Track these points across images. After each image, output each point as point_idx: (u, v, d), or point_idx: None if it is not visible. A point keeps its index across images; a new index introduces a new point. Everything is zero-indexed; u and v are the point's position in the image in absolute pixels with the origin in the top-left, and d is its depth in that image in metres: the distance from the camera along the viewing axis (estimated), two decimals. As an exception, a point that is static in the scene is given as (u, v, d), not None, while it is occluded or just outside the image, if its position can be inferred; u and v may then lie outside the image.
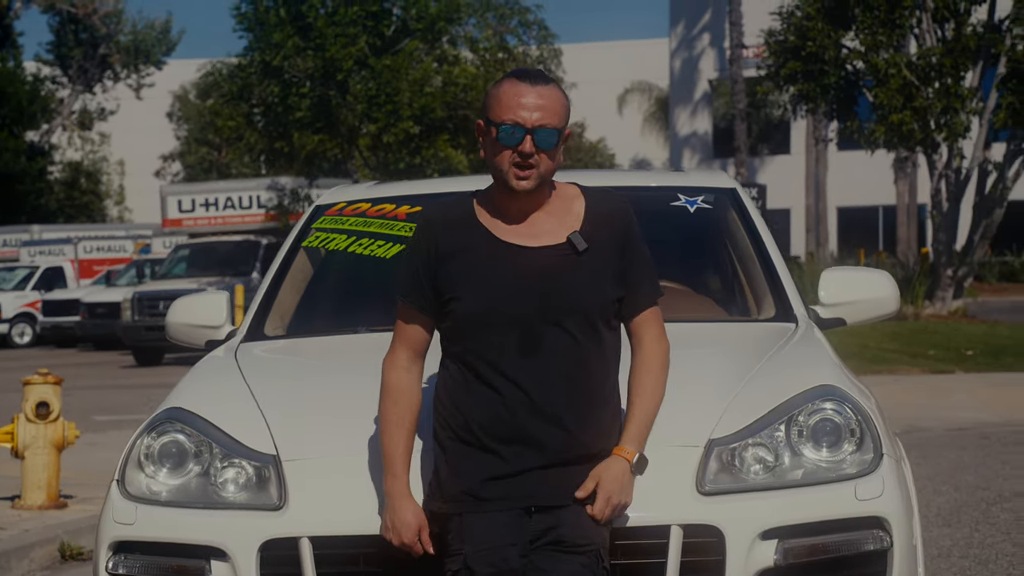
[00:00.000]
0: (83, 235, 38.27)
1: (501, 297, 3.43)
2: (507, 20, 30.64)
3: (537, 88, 3.44)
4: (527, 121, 3.40)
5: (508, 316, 3.41)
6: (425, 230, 3.54)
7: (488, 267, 3.46)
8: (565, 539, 3.36)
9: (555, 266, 3.44)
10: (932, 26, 25.68)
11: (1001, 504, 8.51)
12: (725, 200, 5.15)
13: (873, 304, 4.88)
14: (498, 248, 3.47)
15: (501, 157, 3.43)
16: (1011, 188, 26.06)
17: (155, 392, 18.99)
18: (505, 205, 3.50)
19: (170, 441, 3.86)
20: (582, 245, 3.45)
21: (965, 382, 16.74)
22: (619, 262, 3.49)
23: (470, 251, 3.47)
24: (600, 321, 3.47)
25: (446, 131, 24.70)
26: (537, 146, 3.40)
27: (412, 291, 3.53)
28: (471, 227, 3.51)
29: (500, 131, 3.42)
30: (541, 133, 3.40)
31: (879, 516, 3.63)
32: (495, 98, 3.46)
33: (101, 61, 53.33)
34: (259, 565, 3.60)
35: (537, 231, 3.49)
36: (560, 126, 3.43)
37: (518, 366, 3.40)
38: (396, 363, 3.56)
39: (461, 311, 3.45)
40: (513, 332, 3.41)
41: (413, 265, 3.53)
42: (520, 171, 3.42)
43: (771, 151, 52.72)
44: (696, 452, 3.65)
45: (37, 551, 7.81)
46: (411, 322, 3.55)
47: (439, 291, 3.49)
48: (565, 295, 3.43)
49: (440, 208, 3.58)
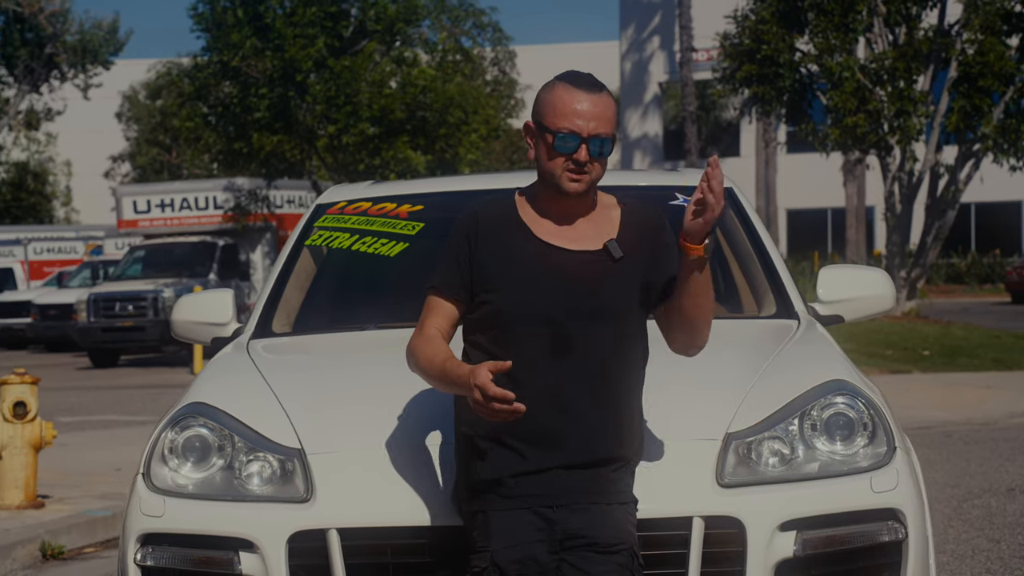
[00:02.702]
0: (33, 236, 37.93)
1: (536, 295, 3.48)
2: (461, 22, 30.70)
3: (592, 96, 3.47)
4: (583, 130, 3.45)
5: (540, 314, 3.46)
6: (467, 223, 3.58)
7: (526, 265, 3.51)
8: (599, 541, 3.41)
9: (590, 271, 3.50)
10: (884, 30, 25.99)
11: (971, 501, 8.67)
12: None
13: (871, 301, 4.99)
14: (538, 247, 3.53)
15: (554, 163, 3.48)
16: (963, 191, 26.41)
17: (115, 393, 18.96)
18: (551, 206, 3.56)
19: (193, 435, 3.89)
20: (618, 253, 3.52)
21: (923, 382, 16.97)
22: (650, 270, 3.56)
23: (510, 247, 3.53)
24: (629, 326, 3.53)
25: (405, 132, 24.69)
26: (591, 155, 3.47)
27: (447, 280, 3.55)
28: (513, 224, 3.57)
29: (556, 139, 3.46)
30: (596, 142, 3.46)
31: (894, 508, 3.73)
32: (549, 104, 3.49)
33: (48, 61, 52.78)
34: (288, 556, 3.65)
35: (576, 235, 3.55)
36: (612, 134, 3.49)
37: (546, 365, 3.45)
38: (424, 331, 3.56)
39: (496, 305, 3.49)
40: (544, 331, 3.46)
41: (452, 255, 3.56)
42: (574, 175, 3.48)
43: (721, 154, 53.05)
44: (715, 446, 3.73)
45: (19, 550, 7.80)
46: (441, 310, 3.57)
47: (475, 283, 3.53)
48: (598, 299, 3.49)
49: (483, 204, 3.63)
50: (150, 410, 16.01)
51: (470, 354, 3.57)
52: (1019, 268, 38.54)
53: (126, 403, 17.29)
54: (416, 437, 3.77)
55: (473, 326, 3.57)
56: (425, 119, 24.74)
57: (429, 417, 3.79)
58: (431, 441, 3.75)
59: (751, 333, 4.61)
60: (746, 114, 28.40)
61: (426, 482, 3.67)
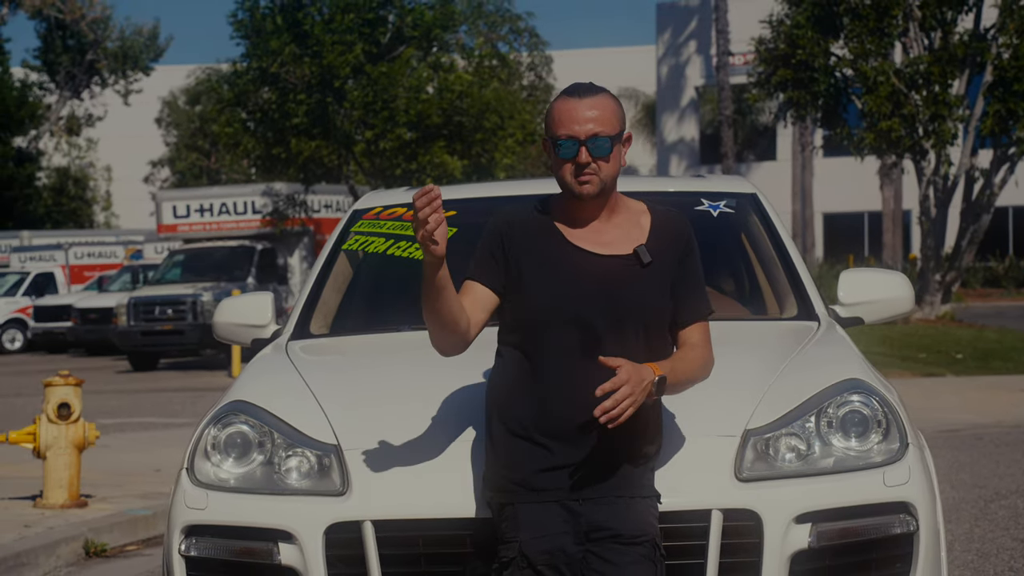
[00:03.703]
0: (73, 241, 38.33)
1: (567, 297, 3.63)
2: (498, 28, 30.88)
3: (585, 100, 3.65)
4: (580, 133, 3.62)
5: (571, 316, 3.62)
6: (500, 225, 3.74)
7: (557, 267, 3.67)
8: (623, 533, 3.57)
9: (620, 275, 3.67)
10: (919, 35, 25.99)
11: (998, 501, 8.76)
12: (747, 205, 5.40)
13: (890, 303, 5.13)
14: (568, 250, 3.69)
15: (563, 170, 3.67)
16: (997, 194, 26.39)
17: (154, 396, 19.23)
18: (573, 212, 3.72)
19: (235, 432, 4.08)
20: (647, 258, 3.68)
21: (956, 385, 17.01)
22: (676, 276, 3.72)
23: (542, 250, 3.69)
24: (656, 329, 3.69)
25: (442, 137, 24.89)
26: (592, 155, 3.63)
27: (482, 268, 3.70)
28: (545, 228, 3.73)
29: (558, 147, 3.65)
30: (594, 142, 3.63)
31: (906, 502, 3.89)
32: (551, 116, 3.69)
33: (89, 67, 53.33)
34: (325, 547, 3.83)
35: (606, 240, 3.71)
36: (613, 132, 3.65)
37: (574, 365, 3.61)
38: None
39: (527, 306, 3.66)
40: (574, 332, 3.62)
41: (486, 251, 3.71)
42: (581, 177, 3.65)
43: (757, 157, 53.01)
44: (734, 442, 3.89)
45: (63, 548, 7.98)
46: (473, 292, 3.69)
47: (509, 281, 3.68)
48: (627, 302, 3.64)
49: (513, 210, 3.80)
50: (189, 413, 16.23)
51: (503, 353, 3.72)
52: (1057, 272, 38.37)
53: (165, 406, 17.52)
54: (448, 434, 3.93)
55: (507, 327, 3.73)
56: (461, 124, 24.93)
57: (461, 415, 3.96)
58: (463, 438, 3.91)
59: (772, 334, 4.76)
60: (781, 119, 28.45)
61: (457, 477, 3.83)
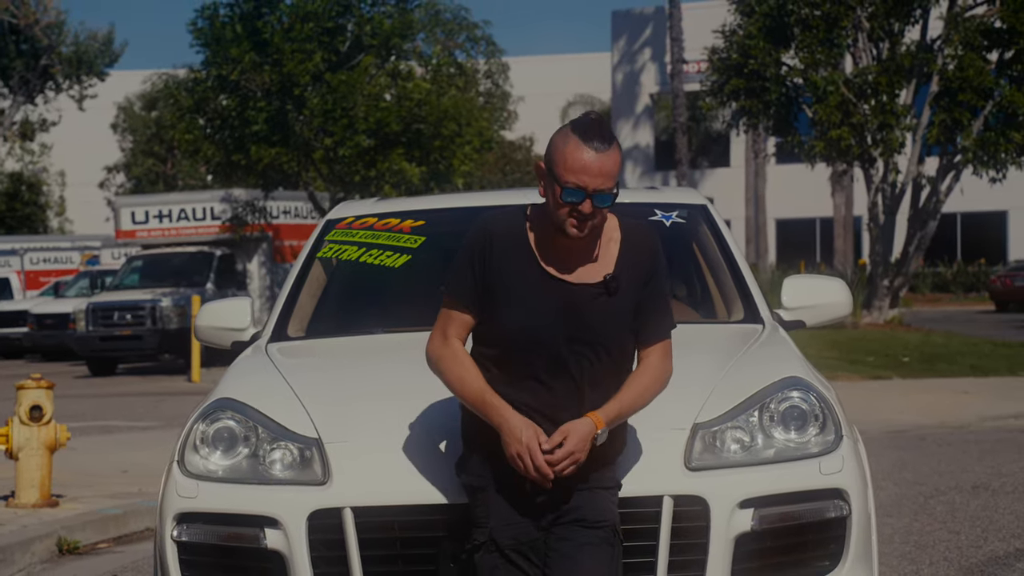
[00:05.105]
0: (29, 246, 38.24)
1: (535, 322, 3.87)
2: (455, 35, 31.20)
3: (601, 155, 3.76)
4: (589, 185, 3.77)
5: (539, 339, 3.88)
6: (481, 239, 3.95)
7: (528, 292, 3.89)
8: (586, 518, 3.88)
9: (588, 304, 3.89)
10: (868, 45, 26.56)
11: (937, 497, 9.17)
12: (697, 215, 5.77)
13: (830, 308, 5.51)
14: (541, 276, 3.91)
15: (561, 211, 3.81)
16: (944, 201, 26.97)
17: (117, 400, 19.38)
18: (553, 241, 3.92)
19: (222, 427, 4.39)
20: (615, 288, 3.90)
21: (902, 387, 17.48)
22: (642, 294, 3.95)
23: (516, 273, 3.91)
24: (620, 347, 3.95)
25: (400, 145, 25.16)
26: (595, 206, 3.80)
27: (460, 286, 3.94)
28: (521, 248, 3.92)
29: (564, 191, 3.78)
30: (600, 197, 3.79)
31: (839, 488, 4.24)
32: (560, 155, 3.79)
33: (43, 72, 53.12)
34: (308, 532, 4.15)
35: (577, 267, 3.92)
36: (615, 186, 3.83)
37: (541, 381, 3.88)
38: (449, 343, 3.96)
39: (498, 325, 3.92)
40: (542, 353, 3.88)
41: (464, 264, 3.94)
42: (576, 223, 3.84)
43: (712, 164, 53.59)
44: (683, 434, 4.25)
45: (37, 545, 8.21)
46: (456, 313, 3.95)
47: (484, 299, 3.92)
48: (594, 331, 3.89)
49: (495, 221, 3.97)
50: (152, 416, 16.44)
51: (479, 363, 3.95)
52: (1003, 277, 39.12)
53: (127, 410, 17.68)
54: (422, 427, 4.26)
55: (479, 339, 3.99)
56: (420, 131, 25.20)
57: (434, 410, 4.28)
58: (436, 430, 4.23)
59: (720, 336, 5.13)
60: (734, 127, 28.95)
61: (431, 466, 4.16)
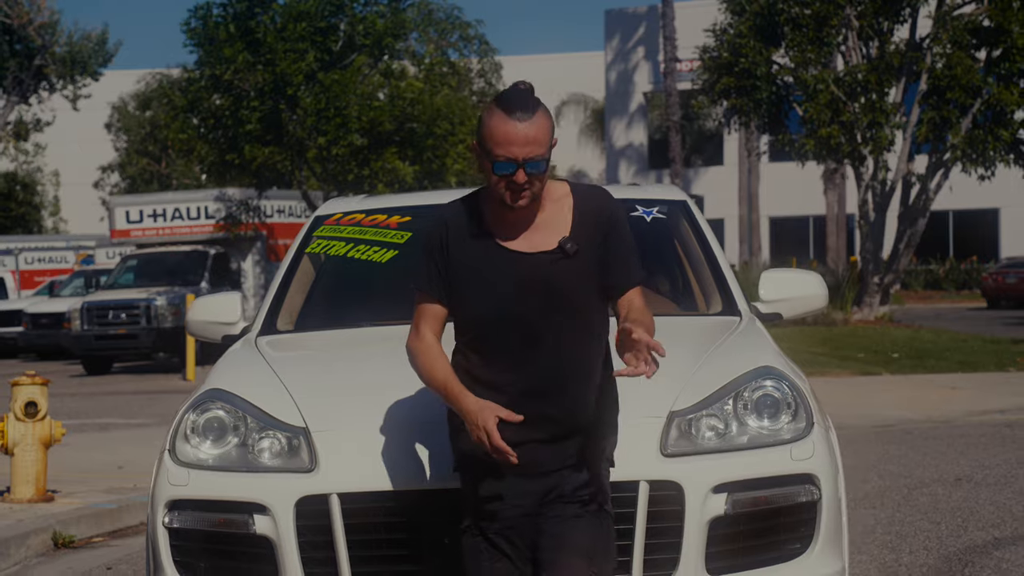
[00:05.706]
0: (24, 246, 38.33)
1: (504, 301, 3.95)
2: (448, 35, 31.35)
3: (525, 124, 3.80)
4: (518, 155, 3.81)
5: (510, 317, 3.94)
6: (437, 228, 4.04)
7: (492, 272, 3.97)
8: (565, 493, 3.95)
9: (551, 271, 3.95)
10: (858, 44, 26.72)
11: (920, 489, 9.31)
12: (678, 211, 5.91)
13: (806, 300, 5.65)
14: (501, 254, 3.98)
15: (499, 185, 3.87)
16: (933, 199, 27.13)
17: (112, 399, 19.49)
18: (502, 215, 4.00)
19: (212, 417, 4.52)
20: (572, 250, 3.96)
21: (891, 383, 17.62)
22: (604, 251, 4.00)
23: (475, 255, 3.99)
24: (589, 311, 4.01)
25: (393, 144, 25.30)
26: (529, 175, 3.84)
27: (428, 283, 4.03)
28: (479, 232, 3.99)
29: (495, 165, 3.83)
30: (531, 164, 3.82)
31: (810, 473, 4.38)
32: (488, 131, 3.84)
33: (36, 72, 53.17)
34: (296, 518, 4.28)
35: (534, 237, 3.98)
36: (547, 152, 3.91)
37: (522, 358, 3.94)
38: (422, 337, 4.05)
39: (468, 311, 4.00)
40: (516, 330, 3.94)
41: (428, 260, 4.03)
42: (515, 194, 3.91)
43: (705, 162, 53.72)
44: (659, 422, 4.38)
45: (32, 539, 8.34)
46: (426, 306, 4.05)
47: (451, 287, 4.02)
48: (561, 297, 3.95)
49: (450, 208, 4.04)
50: (146, 414, 16.55)
51: (461, 352, 4.05)
52: (994, 274, 39.28)
53: (122, 407, 17.79)
54: (406, 417, 4.38)
55: (457, 328, 4.07)
56: (413, 130, 25.34)
57: (419, 399, 4.39)
58: (421, 420, 4.35)
59: (698, 327, 5.27)
60: (726, 125, 29.11)
61: (414, 455, 4.29)
